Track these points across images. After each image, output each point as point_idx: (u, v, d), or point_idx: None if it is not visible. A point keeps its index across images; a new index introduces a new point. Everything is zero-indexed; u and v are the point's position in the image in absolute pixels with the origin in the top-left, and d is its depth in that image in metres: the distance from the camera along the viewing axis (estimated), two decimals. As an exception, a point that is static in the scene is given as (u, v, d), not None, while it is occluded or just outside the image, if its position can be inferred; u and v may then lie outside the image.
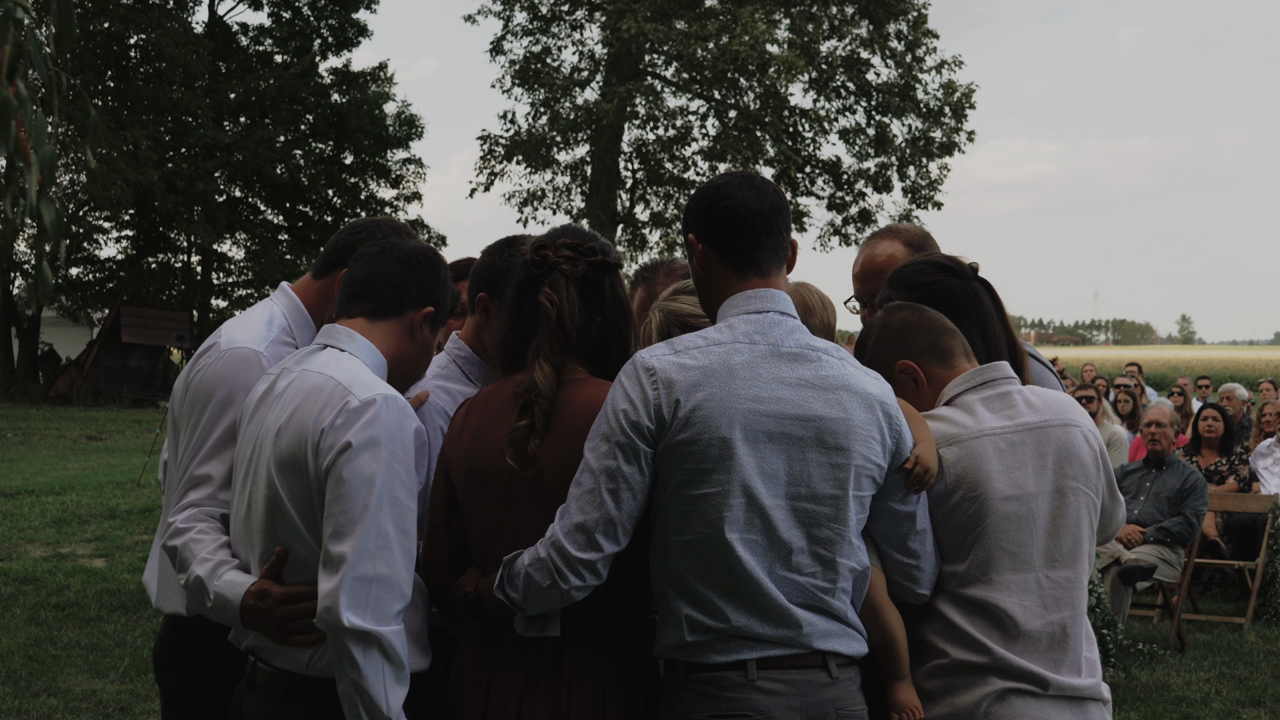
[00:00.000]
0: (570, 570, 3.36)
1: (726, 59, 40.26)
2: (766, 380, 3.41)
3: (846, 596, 3.49)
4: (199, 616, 3.85)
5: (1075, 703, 3.69)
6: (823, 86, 43.37)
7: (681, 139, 44.48)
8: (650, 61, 43.78)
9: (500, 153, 44.40)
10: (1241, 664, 10.29)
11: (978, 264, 4.10)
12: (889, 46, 42.77)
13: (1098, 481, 3.81)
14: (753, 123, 42.82)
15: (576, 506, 3.38)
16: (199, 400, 3.85)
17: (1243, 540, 12.42)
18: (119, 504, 18.05)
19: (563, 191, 45.33)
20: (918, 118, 43.36)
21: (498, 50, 44.15)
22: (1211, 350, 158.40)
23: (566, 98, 43.83)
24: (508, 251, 4.26)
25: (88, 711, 8.67)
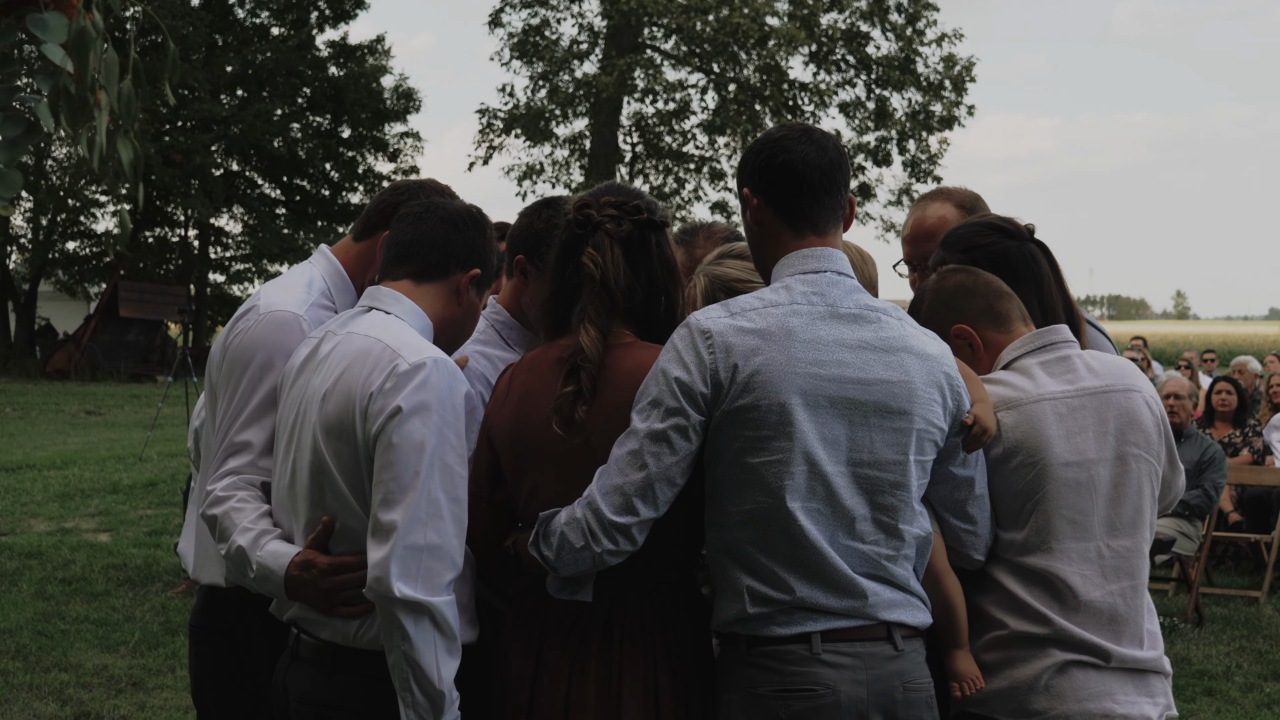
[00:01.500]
0: (604, 533, 3.25)
1: (726, 31, 40.13)
2: (826, 343, 3.30)
3: (910, 564, 3.39)
4: (238, 587, 3.75)
5: (1137, 675, 3.60)
6: (823, 60, 43.22)
7: (681, 112, 44.34)
8: (650, 34, 43.60)
9: (499, 126, 44.28)
10: (1260, 637, 10.22)
11: (1034, 225, 3.99)
12: (889, 19, 42.61)
13: (1159, 449, 3.71)
14: (752, 96, 42.68)
15: (616, 468, 3.27)
16: (238, 365, 3.74)
17: (1257, 513, 12.34)
18: (121, 479, 17.98)
19: (562, 165, 45.22)
20: (918, 91, 43.23)
21: (496, 23, 43.98)
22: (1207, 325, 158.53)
23: (565, 71, 43.69)
24: (546, 213, 4.15)
25: (100, 686, 8.59)
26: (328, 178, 48.09)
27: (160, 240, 48.18)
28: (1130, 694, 3.57)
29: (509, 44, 43.71)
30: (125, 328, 42.38)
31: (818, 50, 42.73)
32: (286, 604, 3.54)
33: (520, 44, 43.58)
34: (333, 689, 3.43)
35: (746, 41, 40.86)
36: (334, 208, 48.08)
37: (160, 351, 43.62)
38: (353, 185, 48.66)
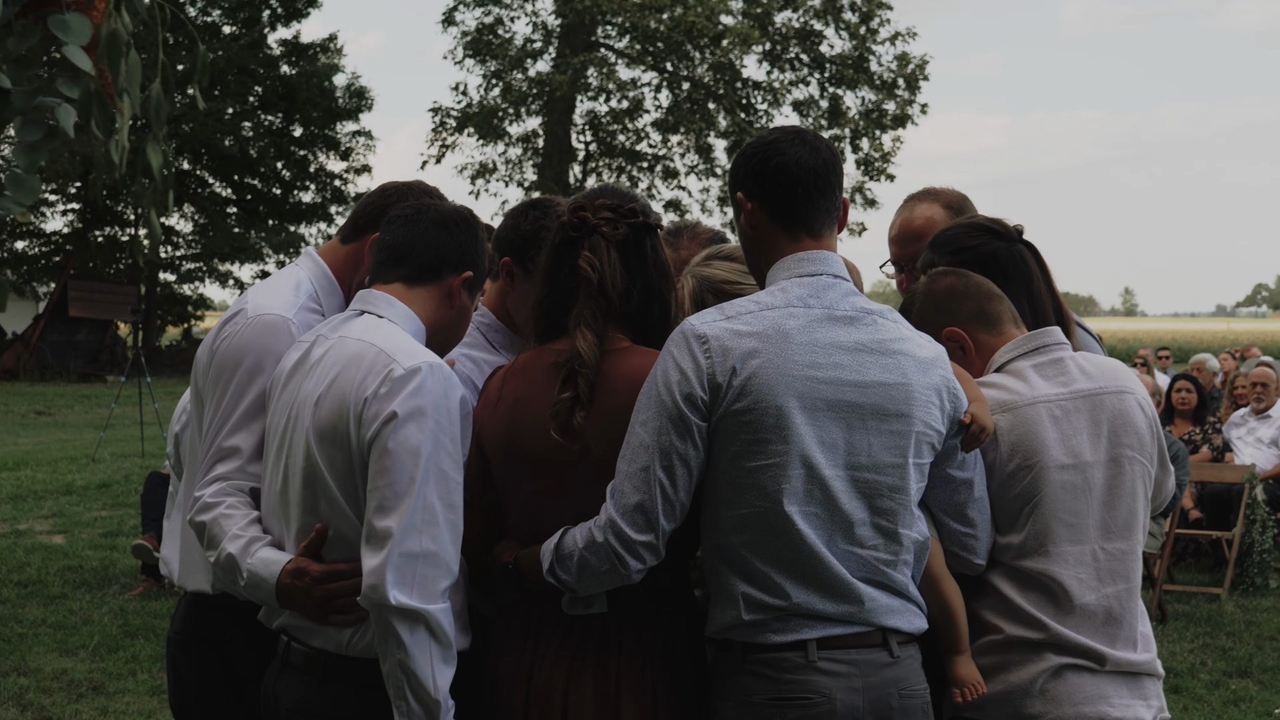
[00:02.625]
0: (630, 553, 3.22)
1: (681, 30, 40.14)
2: (823, 346, 3.26)
3: (908, 569, 3.36)
4: (224, 594, 3.69)
5: (1132, 678, 3.60)
6: (776, 58, 43.28)
7: (634, 111, 44.34)
8: (603, 33, 43.58)
9: (452, 125, 44.16)
10: (1223, 634, 10.27)
11: (1022, 226, 3.97)
12: (842, 18, 42.73)
13: (1152, 450, 3.71)
14: (705, 94, 42.71)
15: (631, 486, 3.23)
16: (225, 369, 3.68)
17: (1218, 510, 12.40)
18: (74, 480, 17.81)
19: (515, 164, 45.16)
20: (871, 90, 43.36)
21: (450, 21, 43.87)
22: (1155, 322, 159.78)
23: (519, 69, 43.62)
24: (533, 214, 4.11)
25: (60, 691, 8.50)
26: (279, 176, 47.89)
27: (110, 239, 47.81)
28: (1125, 697, 3.56)
29: (462, 42, 43.64)
30: (75, 327, 42.08)
31: (771, 49, 42.80)
32: (276, 612, 3.48)
33: (474, 42, 43.51)
34: (325, 698, 3.38)
35: (700, 40, 40.88)
36: (285, 207, 47.90)
37: (110, 351, 43.30)
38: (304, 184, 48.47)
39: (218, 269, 48.09)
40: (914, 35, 43.05)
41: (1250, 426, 13.41)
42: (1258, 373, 13.70)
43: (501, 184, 44.98)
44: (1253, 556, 11.80)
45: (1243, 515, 11.81)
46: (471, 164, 44.79)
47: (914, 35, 43.05)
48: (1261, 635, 10.26)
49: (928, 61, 43.06)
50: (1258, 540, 11.80)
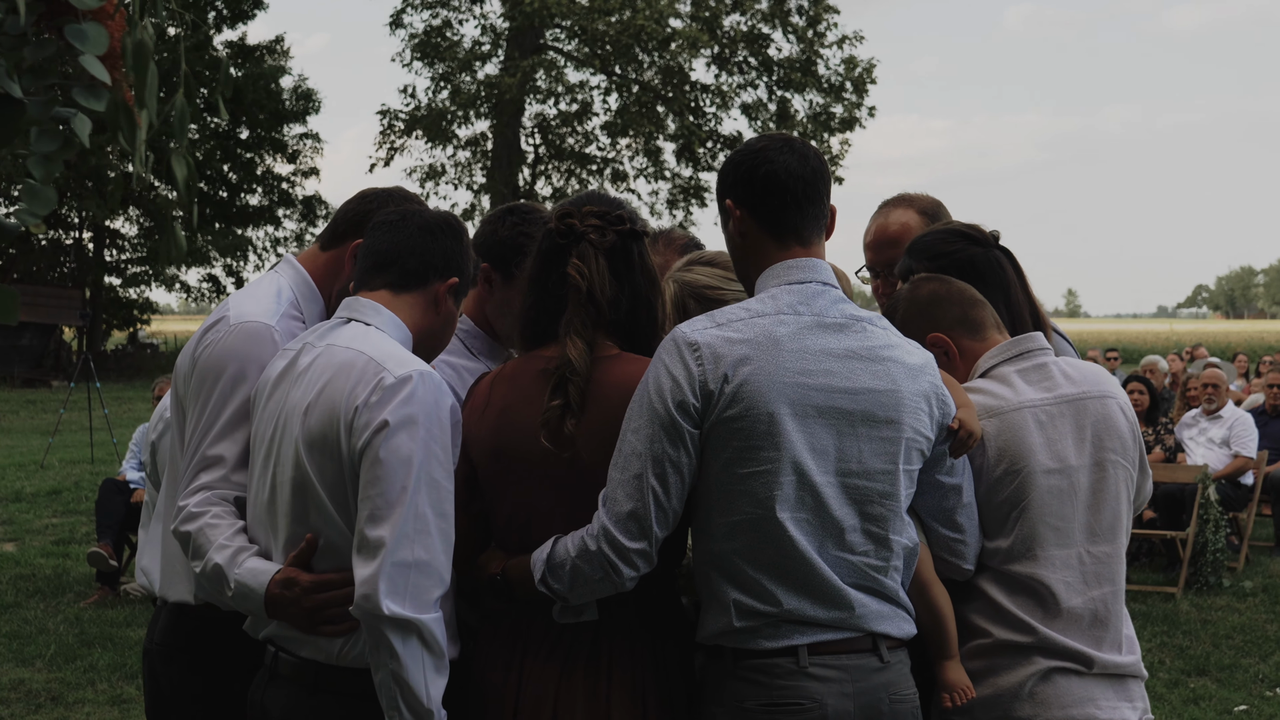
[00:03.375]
0: (624, 561, 3.22)
1: (629, 33, 40.17)
2: (813, 352, 3.27)
3: (898, 575, 3.37)
4: (207, 604, 3.66)
5: (1118, 680, 3.63)
6: (724, 61, 43.37)
7: (583, 114, 44.34)
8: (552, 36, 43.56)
9: (400, 127, 44.03)
10: (1180, 633, 10.35)
11: (999, 232, 4.00)
12: (790, 21, 42.86)
13: (1134, 454, 3.74)
14: (654, 97, 42.75)
15: (624, 494, 3.22)
16: (208, 377, 3.64)
17: (1171, 510, 12.50)
18: (24, 486, 17.67)
19: (464, 167, 45.07)
20: (819, 93, 43.52)
21: (398, 24, 43.74)
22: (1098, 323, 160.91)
23: (467, 72, 43.54)
24: (510, 220, 4.11)
25: (18, 701, 8.44)
26: (226, 179, 47.57)
27: (54, 243, 47.40)
28: (1112, 699, 3.59)
29: (410, 45, 43.50)
30: (18, 332, 41.68)
31: (720, 52, 42.89)
32: (263, 622, 3.45)
33: (422, 45, 43.39)
34: (316, 708, 3.36)
35: (649, 43, 40.92)
36: (232, 209, 47.62)
37: (55, 356, 42.96)
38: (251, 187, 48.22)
39: (163, 273, 47.75)
40: (861, 39, 43.30)
41: (1202, 427, 13.53)
42: (1209, 374, 13.83)
43: (451, 187, 44.95)
44: (1206, 556, 11.90)
45: (1196, 515, 11.90)
46: (420, 167, 44.73)
47: (861, 39, 43.30)
48: (1218, 633, 10.35)
49: (875, 65, 43.27)
50: (1211, 539, 11.90)
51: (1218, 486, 12.54)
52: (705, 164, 44.63)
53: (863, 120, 43.66)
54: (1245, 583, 12.09)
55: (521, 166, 44.78)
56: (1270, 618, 10.89)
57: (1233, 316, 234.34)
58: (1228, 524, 12.33)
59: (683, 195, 45.02)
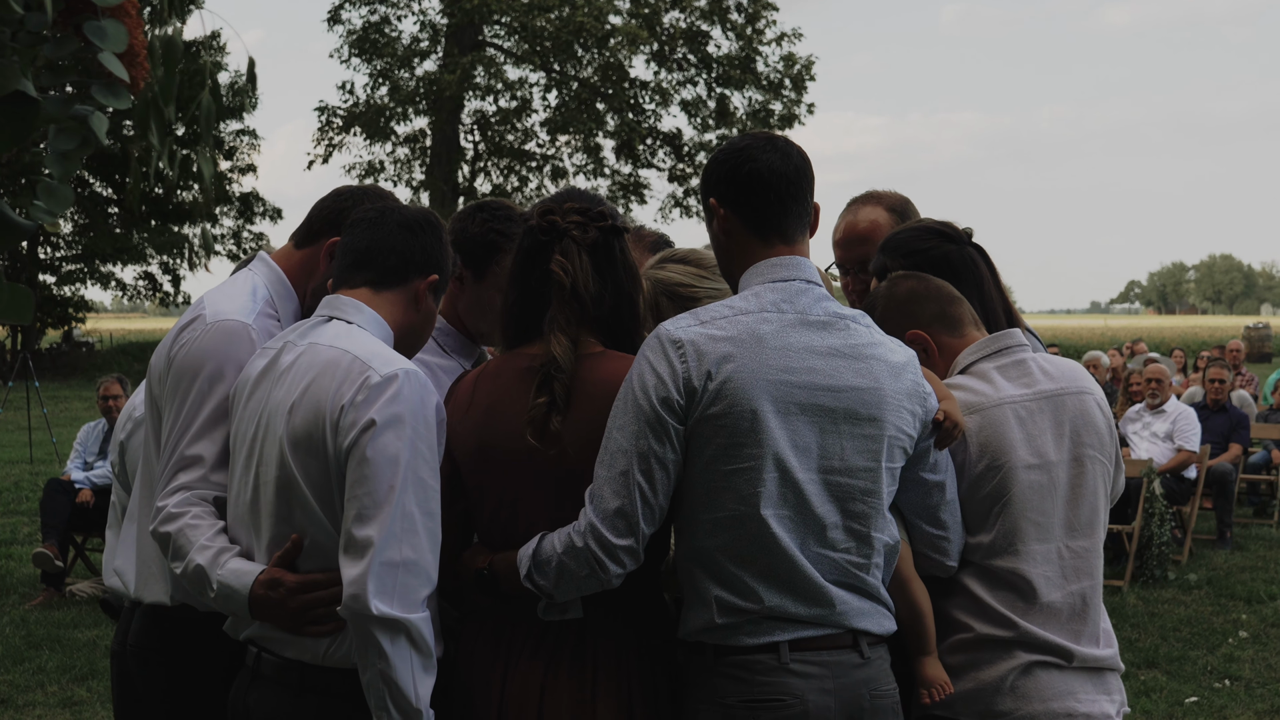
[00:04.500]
0: (610, 558, 3.21)
1: (569, 30, 40.13)
2: (797, 350, 3.28)
3: (879, 572, 3.38)
4: (184, 605, 3.63)
5: (1096, 674, 3.66)
6: (664, 58, 43.39)
7: (522, 110, 44.25)
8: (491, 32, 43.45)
9: (338, 124, 43.80)
10: (1128, 626, 10.44)
11: (971, 229, 4.01)
12: (729, 19, 42.93)
13: (1111, 449, 3.77)
14: (593, 94, 42.73)
15: (611, 490, 3.22)
16: (185, 376, 3.60)
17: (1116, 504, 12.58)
18: (-38, 487, 17.46)
19: (403, 164, 44.89)
20: (758, 90, 43.61)
21: (335, 19, 43.47)
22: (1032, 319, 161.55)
23: (406, 68, 43.37)
24: (480, 216, 4.09)
25: (-34, 705, 8.33)
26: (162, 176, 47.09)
27: (-14, 240, 46.80)
28: (1091, 692, 3.62)
29: (348, 41, 43.26)
30: (-49, 331, 41.19)
31: (659, 49, 42.90)
32: (245, 622, 3.42)
33: (360, 41, 43.15)
34: (301, 708, 3.33)
35: (588, 40, 40.89)
36: (168, 207, 47.18)
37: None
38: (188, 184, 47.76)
39: (99, 270, 47.31)
40: (800, 36, 43.40)
41: (1146, 421, 13.65)
42: (1152, 369, 13.95)
43: (390, 184, 44.65)
44: (1152, 549, 12.01)
45: (1141, 509, 12.02)
46: (359, 164, 44.47)
47: (800, 36, 43.40)
48: (1165, 626, 10.45)
49: (814, 62, 43.41)
50: (1156, 533, 12.01)
51: (1162, 480, 12.65)
52: (644, 161, 44.67)
53: (801, 117, 43.79)
54: (1190, 575, 12.21)
55: (460, 163, 44.65)
56: (1216, 610, 11.01)
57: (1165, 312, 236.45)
58: (1172, 517, 12.44)
59: (622, 192, 45.00)
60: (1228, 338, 42.86)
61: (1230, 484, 13.93)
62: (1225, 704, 8.46)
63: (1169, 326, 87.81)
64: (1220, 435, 14.31)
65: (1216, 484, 13.84)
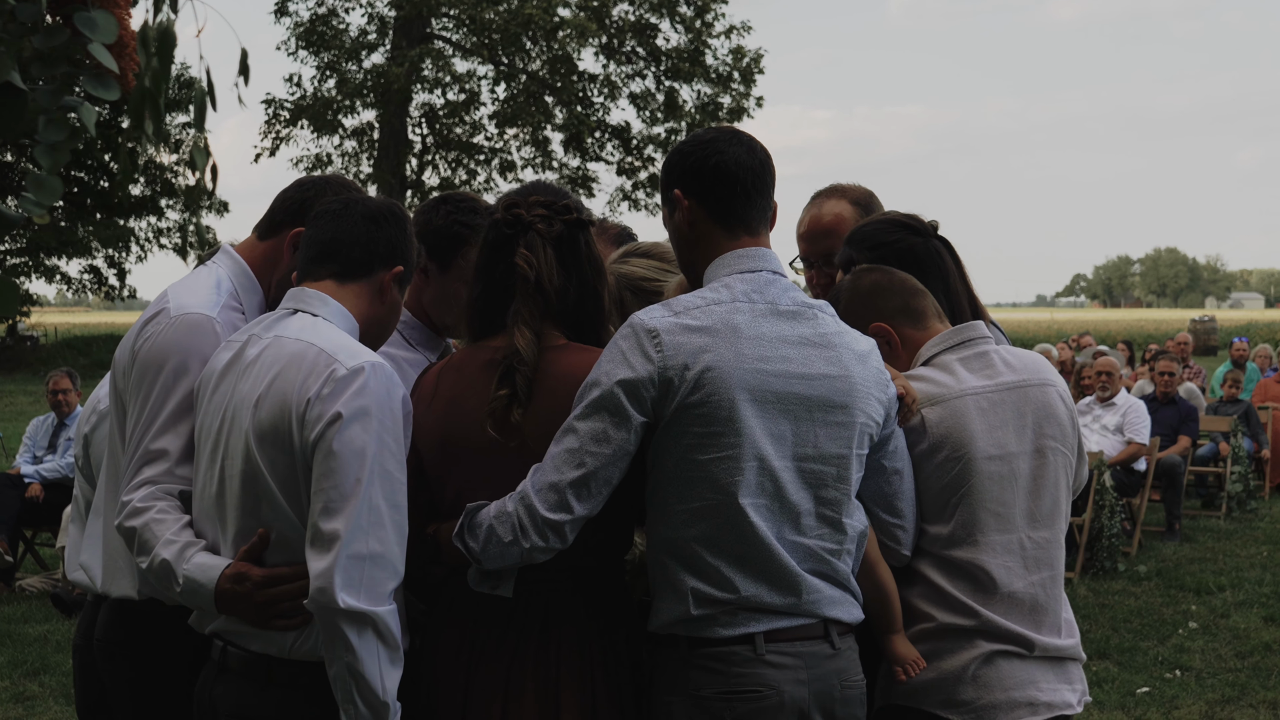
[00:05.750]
0: (535, 530, 3.21)
1: (518, 22, 40.05)
2: (770, 339, 3.30)
3: (850, 559, 3.41)
4: (150, 599, 3.60)
5: (1058, 663, 3.69)
6: (612, 51, 43.36)
7: (470, 103, 44.12)
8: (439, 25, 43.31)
9: (285, 117, 43.54)
10: (1079, 617, 10.39)
11: (937, 222, 4.03)
12: (678, 11, 42.92)
13: (1072, 441, 3.81)
14: (542, 87, 42.67)
15: (552, 465, 3.22)
16: (149, 370, 3.58)
17: (1067, 497, 12.67)
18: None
19: (350, 157, 44.65)
20: (707, 83, 43.62)
21: (283, 11, 43.19)
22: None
23: (353, 61, 43.15)
24: (444, 209, 4.09)
25: (-84, 701, 8.24)
26: (107, 169, 46.78)
27: (-72, 233, 46.34)
28: (1052, 681, 3.65)
29: (295, 33, 43.00)
30: (-106, 325, 40.78)
31: (608, 42, 42.87)
32: (210, 616, 3.40)
33: (307, 33, 42.90)
34: (268, 702, 3.32)
35: (536, 33, 40.81)
36: (114, 200, 46.80)
37: (-71, 351, 42.03)
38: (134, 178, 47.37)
39: (44, 264, 46.90)
40: (748, 29, 43.43)
41: (1096, 414, 13.72)
42: (1103, 362, 14.03)
43: (338, 177, 44.31)
44: (1102, 541, 12.09)
45: (1092, 501, 12.08)
46: (306, 157, 44.19)
47: (748, 29, 43.43)
48: (1116, 617, 10.52)
49: (762, 55, 43.45)
50: (1106, 525, 12.09)
51: (1112, 473, 12.74)
52: (593, 154, 44.63)
53: (750, 110, 43.83)
54: (1140, 567, 12.30)
55: (408, 156, 44.46)
56: (1165, 601, 11.09)
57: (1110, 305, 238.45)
58: (1122, 510, 12.52)
59: (571, 185, 44.92)
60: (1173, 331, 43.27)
61: (1179, 476, 14.03)
62: (1176, 694, 8.53)
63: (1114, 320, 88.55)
64: (1169, 428, 14.42)
65: (1165, 476, 13.94)
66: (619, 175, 45.01)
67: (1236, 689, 8.62)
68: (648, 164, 44.39)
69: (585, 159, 44.79)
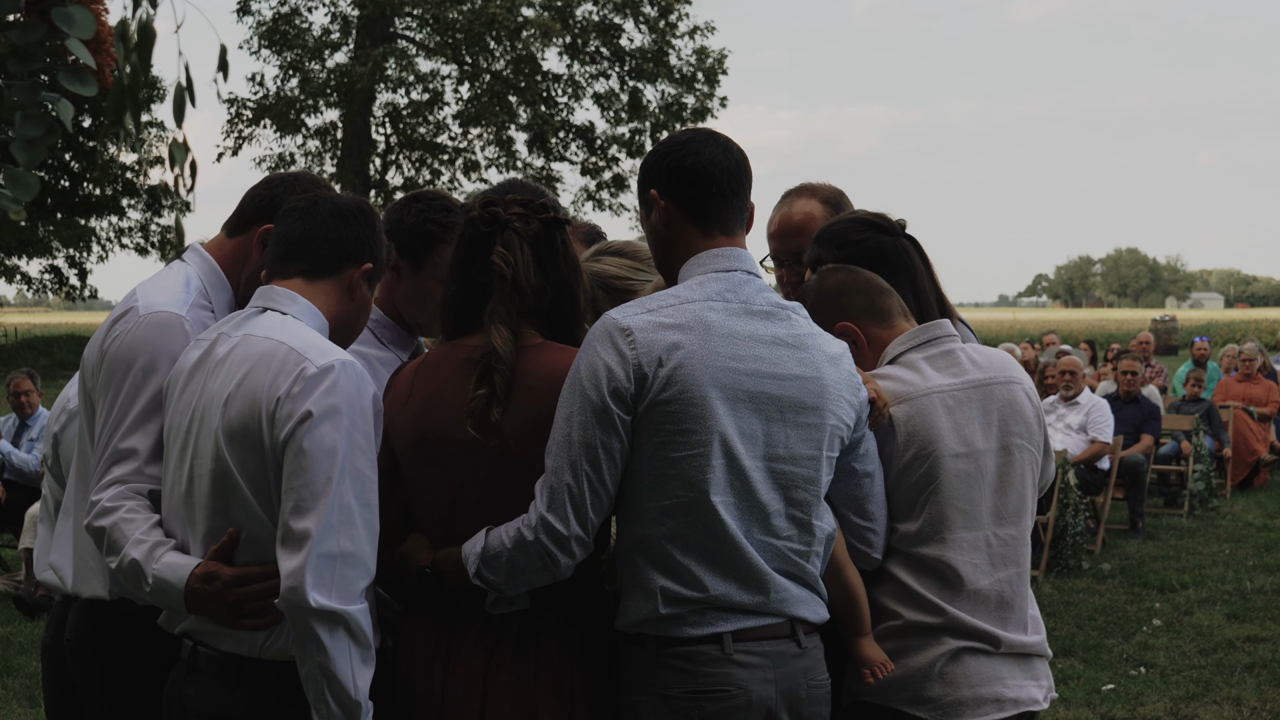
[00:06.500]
0: (561, 550, 3.23)
1: (481, 22, 40.00)
2: (743, 338, 3.32)
3: (818, 561, 3.43)
4: (121, 599, 3.60)
5: (1024, 659, 3.73)
6: (576, 51, 43.35)
7: (434, 103, 44.04)
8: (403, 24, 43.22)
9: (248, 116, 43.38)
10: (1044, 615, 10.44)
11: (905, 220, 4.05)
12: (642, 11, 42.93)
13: (1039, 438, 3.83)
14: (506, 87, 42.62)
15: (559, 481, 3.23)
16: (118, 369, 3.57)
17: (1031, 495, 12.73)
18: None
19: (314, 156, 44.51)
20: (671, 83, 43.64)
21: (245, 10, 43.01)
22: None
23: (317, 60, 43.03)
24: (415, 207, 4.10)
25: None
26: (68, 168, 46.51)
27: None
28: (1018, 677, 3.68)
29: (258, 32, 42.84)
30: None
31: (572, 42, 42.85)
32: (179, 616, 3.40)
33: (270, 32, 42.75)
34: (238, 702, 3.31)
35: (500, 33, 40.77)
36: (74, 200, 46.55)
37: (-109, 350, 41.74)
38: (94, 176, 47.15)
39: (4, 263, 46.61)
40: (712, 30, 43.45)
41: (1060, 413, 13.78)
42: (1066, 361, 14.09)
43: (301, 177, 44.13)
44: (1066, 539, 12.16)
45: (1056, 500, 12.15)
46: (270, 156, 44.03)
47: (712, 30, 43.45)
48: (1080, 615, 10.59)
49: (726, 55, 43.50)
50: (1071, 523, 12.16)
51: (1076, 471, 12.81)
52: (557, 154, 44.59)
53: (714, 111, 43.85)
54: (1104, 565, 12.37)
55: (372, 156, 44.35)
56: (1129, 598, 11.17)
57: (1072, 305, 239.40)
58: (1085, 508, 12.59)
59: (535, 185, 44.80)
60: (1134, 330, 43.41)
61: (1142, 475, 14.12)
62: (1141, 691, 8.59)
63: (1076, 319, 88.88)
64: (1132, 426, 14.50)
65: (1129, 475, 14.02)
66: (583, 175, 44.99)
67: (1200, 685, 8.69)
68: (612, 164, 44.41)
69: (549, 159, 44.73)
